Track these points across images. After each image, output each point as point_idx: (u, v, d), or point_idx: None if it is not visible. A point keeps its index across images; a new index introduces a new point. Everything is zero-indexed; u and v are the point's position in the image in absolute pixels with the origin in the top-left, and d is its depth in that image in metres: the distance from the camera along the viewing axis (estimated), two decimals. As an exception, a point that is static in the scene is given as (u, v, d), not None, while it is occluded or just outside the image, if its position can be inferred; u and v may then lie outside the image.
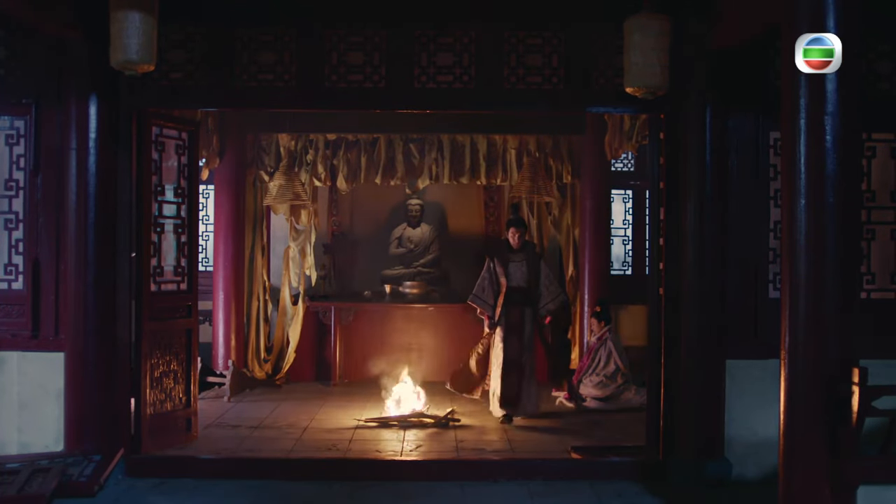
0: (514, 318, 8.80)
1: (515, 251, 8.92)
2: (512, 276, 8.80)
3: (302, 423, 8.63)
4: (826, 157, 4.69)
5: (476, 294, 8.94)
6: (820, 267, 4.72)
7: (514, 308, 8.79)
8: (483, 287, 8.90)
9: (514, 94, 6.98)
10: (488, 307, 8.89)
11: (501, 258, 8.87)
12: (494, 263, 8.87)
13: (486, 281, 8.90)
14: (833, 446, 4.67)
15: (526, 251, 8.96)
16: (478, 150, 10.76)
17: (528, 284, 8.82)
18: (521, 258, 8.89)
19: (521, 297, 8.81)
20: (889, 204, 6.90)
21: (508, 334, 8.79)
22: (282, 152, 10.68)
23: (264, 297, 10.95)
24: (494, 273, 8.85)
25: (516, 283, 8.81)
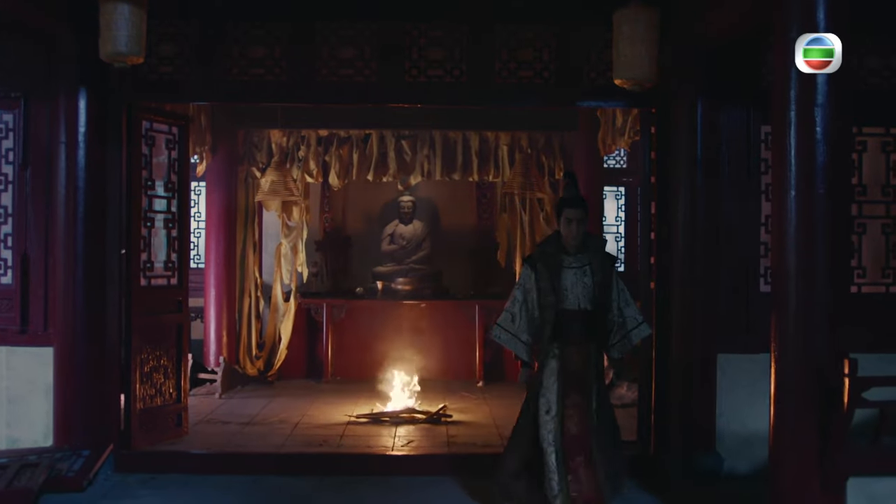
0: (575, 364, 5.56)
1: (573, 252, 5.65)
2: (569, 292, 5.56)
3: (293, 419, 8.60)
4: (816, 149, 4.68)
5: (502, 325, 5.67)
6: (810, 258, 4.71)
7: (574, 348, 5.57)
8: (514, 314, 5.62)
9: (505, 89, 6.97)
10: (522, 347, 5.64)
11: (549, 264, 5.60)
12: (537, 273, 5.60)
13: (519, 303, 5.62)
14: (823, 438, 4.66)
15: (590, 251, 5.67)
16: (470, 147, 10.74)
17: (594, 306, 5.57)
18: (582, 262, 5.62)
19: (584, 329, 5.58)
20: (880, 198, 6.90)
21: (565, 390, 5.56)
22: (273, 148, 10.66)
23: (256, 294, 10.91)
24: (537, 289, 5.59)
25: (575, 305, 5.56)
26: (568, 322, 5.56)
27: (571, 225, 5.59)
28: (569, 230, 5.61)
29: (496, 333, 5.71)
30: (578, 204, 5.64)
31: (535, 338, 5.61)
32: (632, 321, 5.66)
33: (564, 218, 5.63)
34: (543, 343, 5.57)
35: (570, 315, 5.55)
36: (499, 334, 5.71)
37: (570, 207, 5.62)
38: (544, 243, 5.78)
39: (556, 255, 5.63)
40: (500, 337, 5.71)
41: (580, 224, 5.59)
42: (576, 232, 5.59)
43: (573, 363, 5.54)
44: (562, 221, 5.65)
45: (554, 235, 5.74)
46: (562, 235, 5.65)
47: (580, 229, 5.59)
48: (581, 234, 5.61)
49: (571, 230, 5.60)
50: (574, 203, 5.64)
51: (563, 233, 5.64)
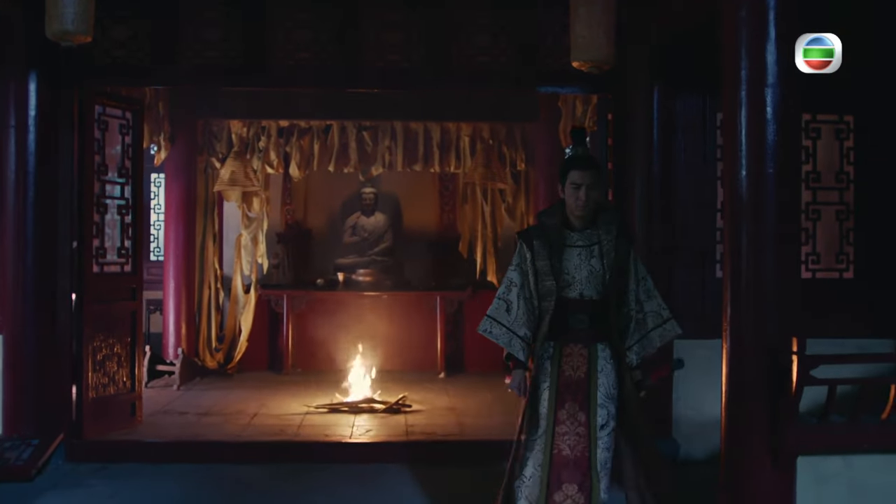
0: (574, 368, 4.37)
1: (580, 227, 4.44)
2: (571, 276, 4.35)
3: (251, 409, 8.52)
4: (766, 129, 4.68)
5: (494, 317, 4.41)
6: (760, 237, 4.71)
7: (575, 347, 4.39)
8: (509, 303, 4.39)
9: (462, 73, 6.96)
10: (519, 344, 4.39)
11: (549, 240, 4.38)
12: (533, 252, 4.39)
13: (517, 288, 4.40)
14: (773, 418, 4.67)
15: (602, 227, 4.43)
16: (431, 138, 10.70)
17: (603, 296, 4.38)
18: (591, 240, 4.41)
19: (588, 323, 4.41)
20: (834, 185, 6.95)
21: (559, 400, 4.37)
22: (234, 139, 10.56)
23: (216, 286, 10.81)
24: (533, 271, 4.38)
25: (577, 293, 4.37)
26: (568, 314, 4.32)
27: (580, 191, 4.28)
28: (576, 198, 4.29)
29: (486, 327, 4.35)
30: (589, 164, 4.36)
31: (531, 330, 4.36)
32: (654, 318, 4.42)
33: (570, 183, 4.31)
34: (537, 340, 4.36)
35: (571, 305, 4.31)
36: (489, 328, 4.34)
37: (578, 169, 4.30)
38: (545, 213, 4.53)
39: (559, 230, 4.35)
40: (491, 332, 4.34)
41: (590, 190, 4.29)
42: (584, 200, 4.28)
43: (572, 366, 4.31)
44: (567, 187, 4.33)
45: (557, 205, 4.46)
46: (566, 205, 4.37)
47: (590, 197, 4.30)
48: (591, 204, 4.32)
49: (579, 198, 4.28)
50: (583, 163, 4.34)
51: (568, 202, 4.34)
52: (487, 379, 9.83)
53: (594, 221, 4.42)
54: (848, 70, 6.82)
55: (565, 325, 4.36)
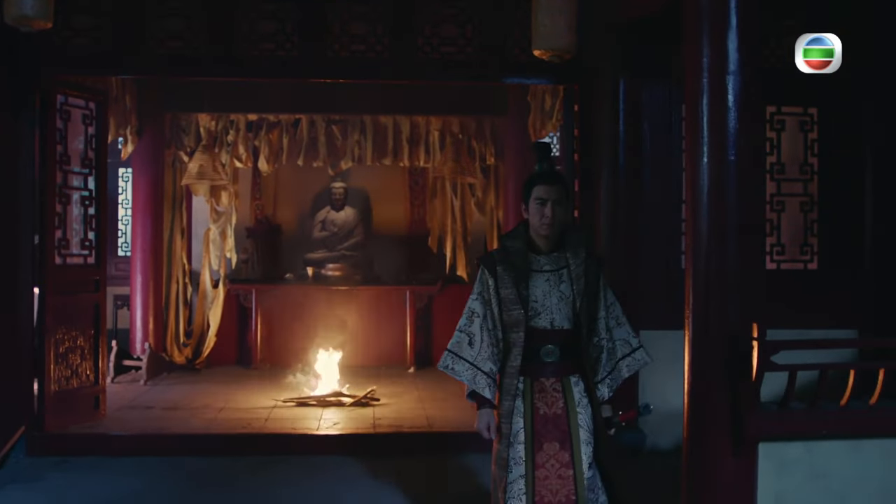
0: (550, 405, 3.94)
1: (547, 249, 4.00)
2: (540, 305, 3.92)
3: (218, 404, 8.46)
4: (728, 116, 4.68)
5: (455, 352, 3.94)
6: (722, 224, 4.71)
7: (548, 382, 3.96)
8: (472, 335, 3.94)
9: (428, 65, 6.95)
10: (484, 381, 3.90)
11: (513, 265, 3.94)
12: (496, 280, 3.95)
13: (479, 319, 3.95)
14: (735, 404, 4.68)
15: (569, 249, 4.00)
16: (401, 132, 10.67)
17: (574, 324, 3.97)
18: (558, 264, 3.99)
19: (562, 355, 3.97)
20: (798, 176, 7.00)
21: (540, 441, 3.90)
22: (202, 132, 10.48)
23: (184, 281, 10.73)
24: (498, 300, 3.95)
25: (548, 322, 3.93)
26: (538, 345, 3.90)
27: (545, 207, 3.85)
28: (541, 215, 3.85)
29: (447, 363, 3.89)
30: (555, 179, 3.97)
31: (496, 365, 3.92)
32: (623, 346, 4.07)
33: (535, 199, 3.88)
34: (505, 375, 3.92)
35: (541, 335, 3.89)
36: (451, 364, 3.88)
37: (544, 183, 3.90)
38: (507, 237, 4.07)
39: (524, 254, 3.92)
40: (453, 368, 3.88)
41: (557, 207, 3.87)
42: (551, 218, 3.85)
43: (546, 403, 3.90)
44: (531, 204, 3.89)
45: (520, 227, 4.01)
46: (530, 225, 3.93)
47: (557, 215, 3.87)
48: (558, 223, 3.89)
49: (545, 215, 3.85)
50: (549, 178, 3.94)
51: (533, 221, 3.90)
52: (458, 373, 9.79)
53: (560, 244, 3.99)
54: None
55: (536, 357, 3.91)
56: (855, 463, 4.94)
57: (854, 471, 4.92)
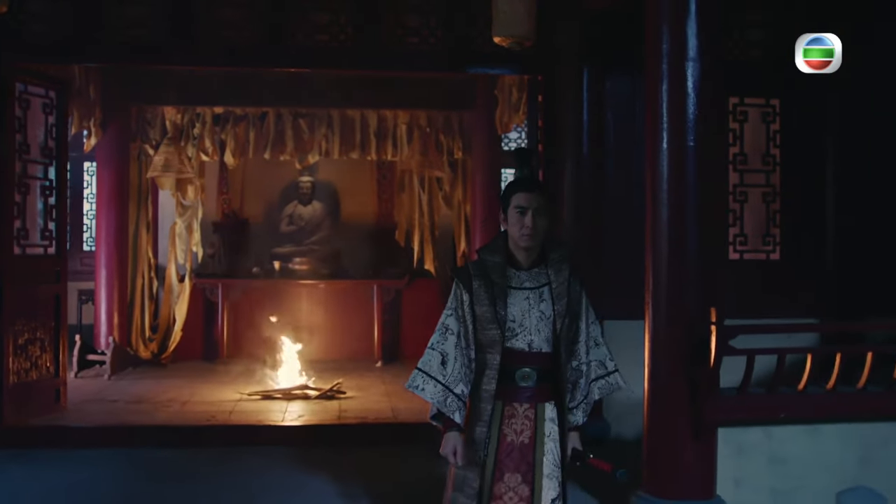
0: (519, 434, 3.57)
1: (527, 265, 3.64)
2: (520, 324, 3.57)
3: (183, 397, 8.40)
4: (687, 101, 4.73)
5: (426, 371, 3.56)
6: (681, 210, 4.75)
7: (521, 406, 3.59)
8: (445, 354, 3.55)
9: (392, 54, 6.94)
10: (455, 404, 3.54)
11: (491, 281, 3.58)
12: (472, 296, 3.59)
13: (453, 337, 3.58)
14: (693, 389, 4.70)
15: (551, 265, 3.64)
16: (368, 126, 10.63)
17: (554, 346, 3.59)
18: (538, 281, 3.63)
19: (538, 379, 3.58)
20: (761, 167, 7.04)
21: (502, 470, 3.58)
22: (168, 125, 10.38)
23: (150, 275, 10.63)
24: (473, 317, 3.58)
25: (526, 344, 3.57)
26: (514, 369, 3.54)
27: (526, 217, 3.48)
28: (521, 225, 3.49)
29: (417, 383, 3.51)
30: (536, 186, 3.63)
31: (466, 387, 3.55)
32: (598, 368, 3.70)
33: (514, 207, 3.51)
34: (477, 399, 3.56)
35: (517, 358, 3.54)
36: (421, 384, 3.51)
37: (524, 191, 3.54)
38: (485, 249, 3.68)
39: (502, 269, 3.56)
40: (423, 389, 3.50)
41: (538, 216, 3.50)
42: (532, 230, 3.49)
43: (514, 430, 3.55)
44: (510, 213, 3.52)
45: (499, 239, 3.65)
46: (510, 237, 3.58)
47: (538, 225, 3.51)
48: (539, 234, 3.53)
49: (526, 225, 3.48)
50: (529, 185, 3.59)
51: (512, 232, 3.54)
52: (425, 367, 9.77)
53: (542, 258, 3.62)
54: (774, 55, 7.03)
55: (510, 380, 3.55)
56: (813, 447, 5.00)
57: (812, 455, 4.98)
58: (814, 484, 4.98)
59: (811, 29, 6.85)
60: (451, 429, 3.50)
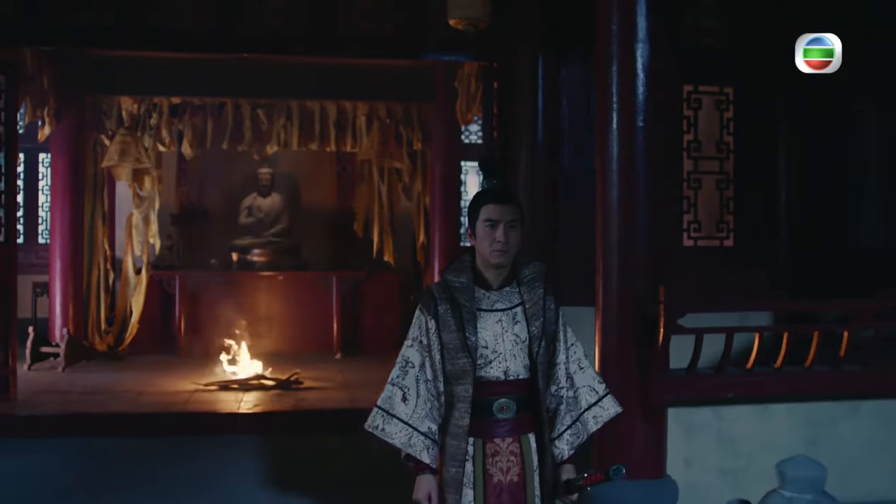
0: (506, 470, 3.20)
1: (497, 284, 3.23)
2: (493, 350, 3.18)
3: (139, 388, 8.33)
4: (636, 82, 4.75)
5: (386, 409, 3.20)
6: (631, 191, 4.77)
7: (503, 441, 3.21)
8: (406, 390, 3.18)
9: (347, 41, 6.90)
10: (422, 443, 3.14)
11: (458, 304, 3.18)
12: (438, 322, 3.20)
13: (414, 370, 3.20)
14: (643, 369, 4.72)
15: (524, 283, 3.24)
16: (327, 117, 10.60)
17: (531, 372, 3.21)
18: (510, 301, 3.23)
19: (518, 409, 3.21)
20: (715, 154, 7.08)
21: None
22: (124, 116, 10.29)
23: (106, 267, 10.52)
24: (440, 346, 3.19)
25: (501, 372, 3.18)
26: (490, 400, 3.16)
27: (497, 231, 3.08)
28: (492, 240, 3.09)
29: (376, 423, 3.15)
30: (508, 197, 3.20)
31: (437, 423, 3.17)
32: (587, 394, 3.30)
33: (484, 220, 3.12)
34: (450, 436, 3.17)
35: (493, 388, 3.16)
36: (381, 424, 3.14)
37: (495, 202, 3.14)
38: (450, 270, 3.27)
39: (469, 290, 3.17)
40: (384, 430, 3.13)
41: (511, 230, 3.10)
42: (504, 245, 3.09)
43: (501, 469, 3.18)
44: (479, 227, 3.14)
45: (465, 257, 3.25)
46: (478, 255, 3.19)
47: (511, 240, 3.11)
48: (513, 251, 3.14)
49: (497, 240, 3.08)
50: (500, 196, 3.18)
51: (481, 248, 3.15)
52: (386, 359, 9.69)
53: (512, 276, 3.23)
54: (728, 43, 7.07)
55: (488, 413, 3.16)
56: (762, 427, 5.04)
57: (761, 435, 5.01)
58: (763, 463, 4.97)
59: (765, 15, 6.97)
60: (422, 471, 3.12)
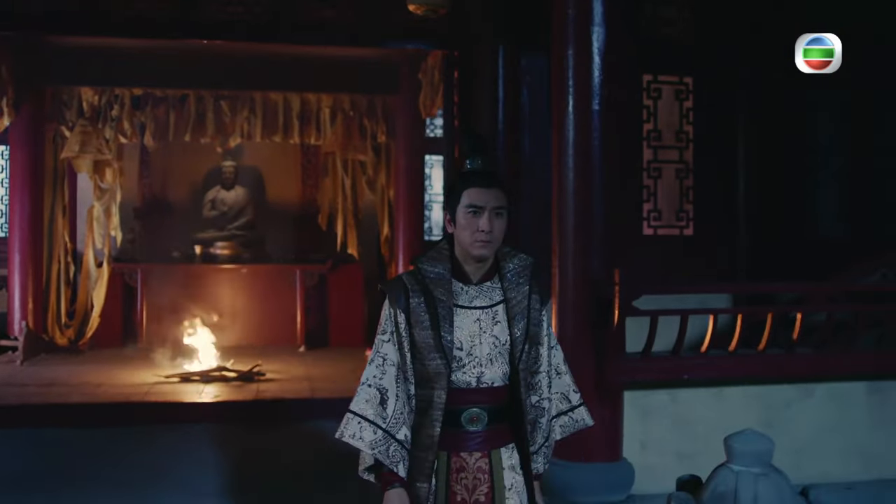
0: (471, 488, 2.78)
1: (477, 278, 2.79)
2: (468, 353, 2.74)
3: (99, 381, 8.24)
4: (592, 65, 4.77)
5: (360, 413, 2.70)
6: (587, 174, 4.79)
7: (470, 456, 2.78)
8: (383, 391, 2.73)
9: (309, 28, 6.87)
10: (399, 453, 2.71)
11: (431, 301, 2.73)
12: (409, 317, 2.75)
13: (392, 368, 2.75)
14: (598, 351, 4.73)
15: (508, 277, 2.79)
16: (291, 109, 10.53)
17: (511, 379, 2.79)
18: (491, 298, 2.79)
19: (490, 421, 2.79)
20: (674, 144, 7.13)
21: None
22: (85, 107, 10.17)
23: (66, 260, 10.39)
24: (409, 345, 2.75)
25: (475, 377, 2.75)
26: (460, 409, 2.75)
27: (481, 218, 2.66)
28: (475, 229, 2.67)
29: (351, 431, 2.68)
30: (493, 180, 2.75)
31: (406, 432, 2.75)
32: (560, 402, 2.93)
33: (466, 207, 2.69)
34: (416, 447, 2.74)
35: (464, 396, 2.75)
36: (358, 432, 2.68)
37: (479, 185, 2.71)
38: (425, 258, 2.80)
39: (446, 282, 2.73)
40: (361, 437, 2.67)
41: (496, 218, 2.69)
42: (487, 235, 2.66)
43: (466, 487, 2.78)
44: (460, 214, 2.70)
45: (443, 244, 2.81)
46: (458, 243, 2.75)
47: (497, 231, 2.70)
48: (498, 242, 2.72)
49: (481, 230, 2.66)
50: (485, 179, 2.74)
51: (462, 237, 2.71)
52: (350, 352, 9.73)
53: (495, 270, 2.81)
54: (689, 33, 7.12)
55: (455, 423, 2.76)
56: (717, 410, 5.06)
57: (717, 417, 5.03)
58: (718, 446, 4.99)
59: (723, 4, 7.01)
60: (393, 485, 2.71)
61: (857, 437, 5.16)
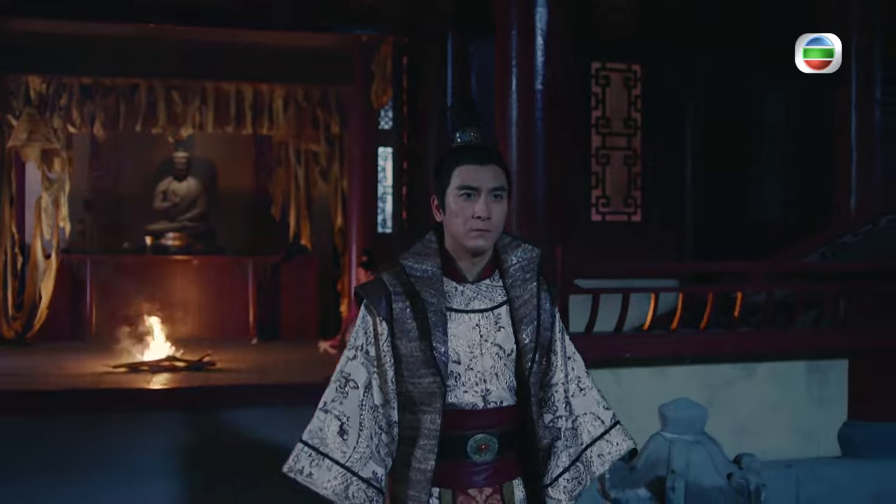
0: None
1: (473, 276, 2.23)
2: (467, 367, 2.18)
3: (46, 371, 8.14)
4: (534, 46, 4.79)
5: (314, 445, 2.14)
6: (529, 153, 4.80)
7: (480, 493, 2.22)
8: (343, 420, 2.15)
9: (258, 12, 6.82)
10: (363, 495, 2.15)
11: (419, 305, 2.15)
12: (392, 326, 2.18)
13: (357, 393, 2.17)
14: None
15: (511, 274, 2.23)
16: (244, 99, 10.51)
17: (521, 397, 2.24)
18: (491, 299, 2.23)
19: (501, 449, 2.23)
20: (623, 130, 7.19)
21: None
22: (32, 95, 10.05)
23: (13, 252, 10.25)
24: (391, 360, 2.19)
25: (478, 395, 2.19)
26: (464, 436, 2.23)
27: (476, 203, 2.15)
28: (470, 215, 2.15)
29: (301, 465, 2.16)
30: (491, 156, 2.25)
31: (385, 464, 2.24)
32: (591, 424, 2.40)
33: (458, 188, 2.18)
34: (407, 484, 2.24)
35: (467, 419, 2.23)
36: (308, 468, 2.16)
37: (473, 162, 2.20)
38: (410, 255, 2.24)
39: (437, 282, 2.21)
40: (310, 474, 2.16)
41: (495, 204, 2.17)
42: (484, 223, 2.15)
43: None
44: (452, 198, 2.19)
45: (430, 237, 2.28)
46: (448, 236, 2.24)
47: (496, 218, 2.17)
48: (498, 230, 2.20)
49: (476, 216, 2.14)
50: (481, 154, 2.22)
51: (454, 227, 2.20)
52: (304, 344, 9.68)
53: (495, 265, 2.29)
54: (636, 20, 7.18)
55: (460, 454, 2.23)
56: (660, 389, 5.08)
57: (660, 397, 5.06)
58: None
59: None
60: None
61: (797, 415, 5.23)
